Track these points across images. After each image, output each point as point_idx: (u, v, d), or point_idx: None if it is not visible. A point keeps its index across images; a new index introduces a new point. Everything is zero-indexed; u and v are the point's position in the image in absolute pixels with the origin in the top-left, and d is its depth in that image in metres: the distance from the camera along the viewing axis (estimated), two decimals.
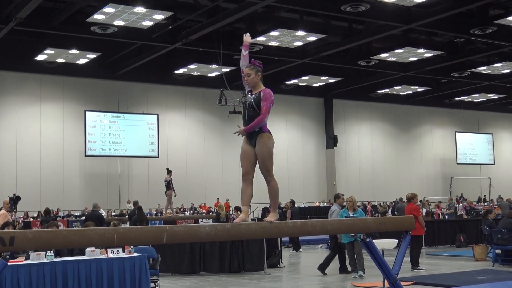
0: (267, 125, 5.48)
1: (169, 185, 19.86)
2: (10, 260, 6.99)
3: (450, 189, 28.56)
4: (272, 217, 5.38)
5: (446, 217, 24.74)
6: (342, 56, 28.38)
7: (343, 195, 13.03)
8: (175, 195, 20.41)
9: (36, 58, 25.77)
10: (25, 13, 19.59)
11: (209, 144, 31.25)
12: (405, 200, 16.89)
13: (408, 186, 33.38)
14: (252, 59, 5.69)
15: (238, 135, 5.49)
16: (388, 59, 27.71)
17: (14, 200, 16.78)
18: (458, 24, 23.07)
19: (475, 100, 38.35)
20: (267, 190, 5.53)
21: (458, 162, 37.31)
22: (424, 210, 21.20)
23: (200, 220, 22.43)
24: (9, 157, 26.45)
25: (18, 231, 4.31)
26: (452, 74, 30.33)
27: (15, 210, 17.36)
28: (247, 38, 5.78)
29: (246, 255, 12.94)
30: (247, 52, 5.72)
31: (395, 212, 24.51)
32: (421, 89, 34.73)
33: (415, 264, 12.49)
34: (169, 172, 19.97)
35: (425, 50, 26.47)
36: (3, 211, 13.22)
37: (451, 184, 29.26)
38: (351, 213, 11.56)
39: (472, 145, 38.18)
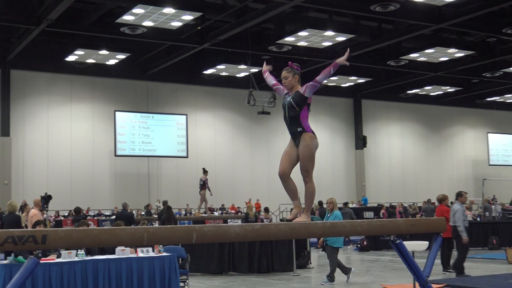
0: (310, 125, 5.53)
1: (204, 185, 20.05)
2: (42, 258, 7.10)
3: (482, 190, 28.12)
4: (303, 218, 5.36)
5: (478, 219, 24.36)
6: (371, 56, 28.18)
7: (466, 193, 12.70)
8: (211, 195, 20.55)
9: (67, 59, 26.07)
10: (56, 15, 19.87)
11: (238, 145, 31.29)
12: (434, 202, 16.63)
13: (439, 187, 32.96)
14: (289, 62, 5.71)
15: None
16: (418, 59, 27.42)
17: (46, 199, 16.99)
18: (489, 24, 22.73)
19: (507, 101, 37.73)
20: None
21: (490, 163, 36.78)
22: None
23: (228, 220, 22.47)
24: (41, 156, 26.83)
25: (50, 230, 4.35)
26: (483, 74, 29.90)
27: (46, 209, 17.60)
28: (266, 67, 6.04)
29: (275, 256, 12.93)
30: (267, 74, 6.02)
31: (422, 213, 24.26)
32: (452, 90, 34.28)
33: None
34: (205, 172, 20.17)
35: (456, 50, 26.12)
36: (34, 210, 13.38)
37: (483, 186, 28.83)
38: (329, 215, 11.50)
39: (505, 146, 37.58)
